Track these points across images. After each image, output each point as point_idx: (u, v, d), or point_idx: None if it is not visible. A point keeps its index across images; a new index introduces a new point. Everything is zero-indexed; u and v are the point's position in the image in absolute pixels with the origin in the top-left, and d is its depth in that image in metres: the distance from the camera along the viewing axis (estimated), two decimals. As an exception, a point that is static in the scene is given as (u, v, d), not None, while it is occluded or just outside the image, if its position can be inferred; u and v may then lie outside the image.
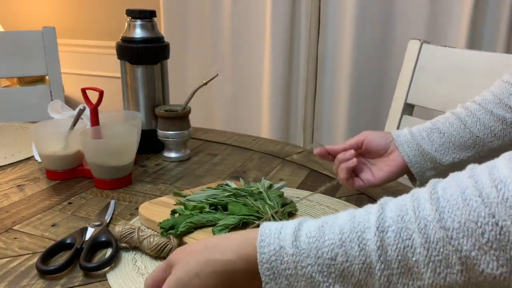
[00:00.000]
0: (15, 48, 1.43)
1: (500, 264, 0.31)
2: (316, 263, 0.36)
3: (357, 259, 0.35)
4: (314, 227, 0.38)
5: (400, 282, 0.34)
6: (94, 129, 0.86)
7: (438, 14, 1.59)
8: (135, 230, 0.61)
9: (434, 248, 0.33)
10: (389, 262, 0.34)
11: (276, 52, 1.78)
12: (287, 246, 0.37)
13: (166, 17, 1.97)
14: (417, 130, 0.70)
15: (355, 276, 0.35)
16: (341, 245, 0.36)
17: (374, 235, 0.35)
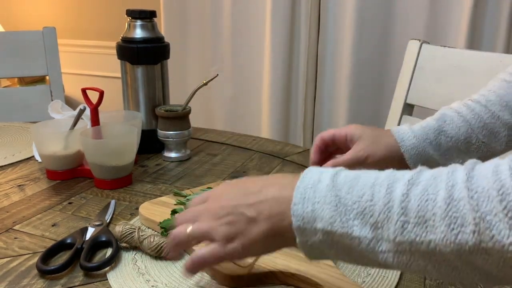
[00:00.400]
0: (15, 48, 1.43)
1: (511, 233, 0.32)
2: (344, 197, 0.39)
3: (381, 200, 0.37)
4: (354, 173, 0.41)
5: (413, 231, 0.36)
6: (94, 129, 0.86)
7: (438, 14, 1.59)
8: (136, 230, 0.61)
9: (454, 205, 0.34)
10: (409, 210, 0.36)
11: (276, 52, 1.78)
12: (325, 180, 0.40)
13: (166, 17, 1.97)
14: (423, 132, 0.64)
15: (374, 217, 0.37)
16: (371, 187, 0.38)
17: (403, 185, 0.37)
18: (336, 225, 0.39)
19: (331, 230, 0.39)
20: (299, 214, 0.40)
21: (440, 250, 0.35)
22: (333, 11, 1.71)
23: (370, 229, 0.38)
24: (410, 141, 0.62)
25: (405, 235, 0.36)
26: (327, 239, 0.39)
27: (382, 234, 0.37)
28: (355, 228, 0.38)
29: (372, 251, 0.38)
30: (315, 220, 0.39)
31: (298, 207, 0.40)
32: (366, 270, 0.58)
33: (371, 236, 0.38)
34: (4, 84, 2.42)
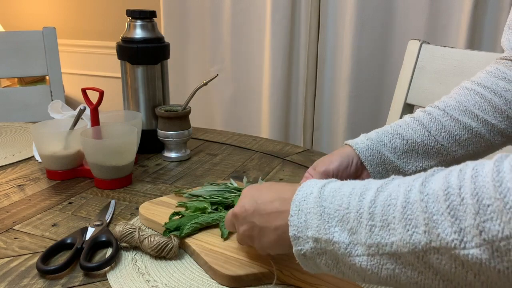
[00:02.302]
0: (15, 48, 1.43)
1: (453, 231, 0.34)
2: (328, 206, 0.43)
3: (354, 208, 0.41)
4: (340, 183, 0.45)
5: (379, 234, 0.39)
6: (94, 129, 0.86)
7: (438, 14, 1.59)
8: (136, 229, 0.61)
9: (409, 208, 0.37)
10: (375, 215, 0.39)
11: (276, 52, 1.78)
12: (315, 191, 0.45)
13: (166, 17, 1.97)
14: (376, 136, 0.64)
15: (350, 223, 0.41)
16: (348, 196, 0.42)
17: (373, 192, 0.41)
18: (321, 232, 0.43)
19: (318, 237, 0.43)
20: (295, 224, 0.45)
21: (400, 251, 0.37)
22: (333, 11, 1.71)
23: (347, 234, 0.41)
24: (364, 143, 0.63)
25: (373, 238, 0.39)
26: (316, 246, 0.43)
27: (356, 239, 0.40)
28: (335, 234, 0.42)
29: (350, 255, 0.41)
30: (307, 229, 0.44)
31: (294, 218, 0.45)
32: (366, 270, 0.58)
33: (348, 241, 0.41)
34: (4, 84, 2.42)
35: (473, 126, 0.62)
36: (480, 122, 0.63)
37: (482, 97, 0.63)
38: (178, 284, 0.54)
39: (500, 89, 0.63)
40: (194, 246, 0.59)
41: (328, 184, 0.46)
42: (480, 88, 0.64)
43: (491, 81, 0.64)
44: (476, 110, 0.63)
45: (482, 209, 0.33)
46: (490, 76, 0.65)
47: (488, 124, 0.63)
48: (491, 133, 0.63)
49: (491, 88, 0.64)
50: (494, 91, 0.63)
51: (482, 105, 0.63)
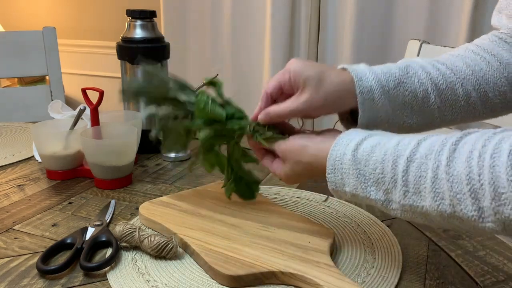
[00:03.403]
0: (15, 48, 1.43)
1: (473, 209, 0.42)
2: (363, 169, 0.50)
3: (389, 174, 0.48)
4: (370, 145, 0.50)
5: (412, 198, 0.47)
6: (94, 129, 0.86)
7: (438, 14, 1.59)
8: (136, 229, 0.61)
9: (437, 183, 0.44)
10: (408, 182, 0.46)
11: (276, 52, 1.78)
12: (348, 153, 0.51)
13: (166, 17, 1.97)
14: (384, 77, 0.58)
15: (385, 185, 0.48)
16: (381, 162, 0.48)
17: (404, 161, 0.47)
18: (358, 190, 0.51)
19: (356, 193, 0.51)
20: (332, 181, 0.52)
21: (429, 213, 0.46)
22: (333, 11, 1.71)
23: (382, 193, 0.49)
24: (369, 83, 0.57)
25: (406, 200, 0.47)
26: (353, 197, 0.52)
27: (391, 197, 0.48)
28: (372, 193, 0.50)
29: (386, 208, 0.50)
30: (344, 185, 0.52)
31: (331, 176, 0.52)
32: (366, 270, 0.58)
33: (384, 199, 0.49)
34: (4, 84, 2.42)
35: (472, 95, 0.60)
36: (479, 92, 0.61)
37: (488, 65, 0.61)
38: (178, 284, 0.54)
39: (505, 60, 0.61)
40: (194, 246, 0.59)
41: (360, 146, 0.51)
42: (487, 54, 0.62)
43: (496, 50, 0.62)
44: (480, 78, 0.61)
45: (497, 196, 0.40)
46: (494, 45, 0.63)
47: (485, 96, 0.61)
48: (484, 105, 0.62)
49: (497, 57, 0.62)
50: (500, 61, 0.61)
51: (487, 74, 0.61)
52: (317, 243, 0.60)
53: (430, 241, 0.66)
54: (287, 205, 0.74)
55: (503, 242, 0.66)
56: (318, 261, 0.56)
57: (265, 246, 0.59)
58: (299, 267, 0.54)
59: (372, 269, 0.58)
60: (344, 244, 0.64)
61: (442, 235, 0.67)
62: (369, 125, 0.58)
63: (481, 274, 0.58)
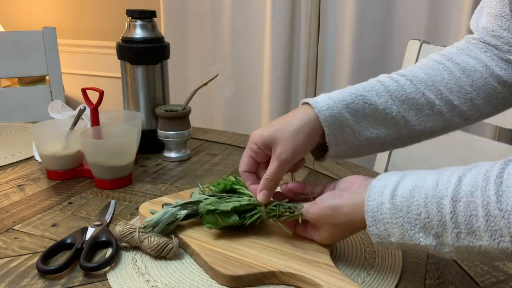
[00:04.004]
0: (15, 48, 1.43)
1: None
2: (406, 216, 0.48)
3: (435, 217, 0.46)
4: (407, 189, 0.48)
5: (466, 239, 0.44)
6: (94, 129, 0.86)
7: (438, 14, 1.59)
8: (136, 229, 0.61)
9: (492, 220, 0.42)
10: (459, 224, 0.44)
11: (276, 52, 1.78)
12: (386, 202, 0.49)
13: (166, 17, 1.97)
14: (339, 95, 0.61)
15: (434, 229, 0.46)
16: (424, 206, 0.46)
17: (449, 202, 0.45)
18: (406, 238, 0.48)
19: (403, 242, 0.49)
20: (376, 234, 0.50)
21: (489, 251, 0.44)
22: (333, 11, 1.71)
23: (433, 238, 0.47)
24: (325, 102, 0.59)
25: (460, 242, 0.45)
26: (402, 246, 0.50)
27: (443, 241, 0.46)
28: (421, 240, 0.47)
29: (439, 252, 0.47)
30: (389, 236, 0.50)
31: (373, 228, 0.50)
32: (366, 270, 0.58)
33: (435, 243, 0.47)
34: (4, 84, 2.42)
35: (436, 103, 0.62)
36: (443, 101, 0.62)
37: (450, 74, 0.63)
38: (178, 284, 0.54)
39: (469, 68, 0.63)
40: (194, 246, 0.59)
41: (396, 192, 0.49)
42: (450, 63, 0.64)
43: (461, 58, 0.64)
44: (442, 87, 0.62)
45: None
46: (460, 52, 0.65)
47: (450, 104, 0.62)
48: (451, 113, 0.63)
49: (461, 66, 0.63)
50: (463, 69, 0.63)
51: (449, 83, 0.62)
52: (317, 243, 0.60)
53: (430, 241, 0.66)
54: (287, 205, 0.74)
55: (503, 242, 0.66)
56: (318, 261, 0.56)
57: (265, 246, 0.59)
58: (299, 267, 0.54)
59: (372, 269, 0.58)
60: (344, 244, 0.64)
61: (442, 235, 0.67)
62: (338, 142, 0.60)
63: (481, 274, 0.58)
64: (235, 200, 0.62)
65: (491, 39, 0.64)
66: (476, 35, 0.66)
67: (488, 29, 0.64)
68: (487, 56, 0.63)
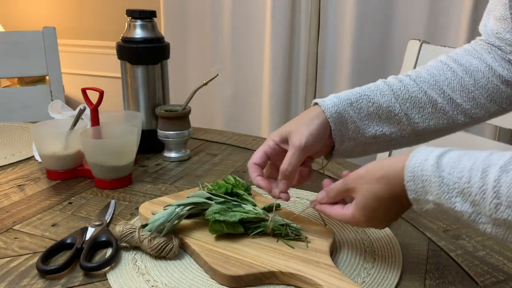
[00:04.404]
0: (15, 48, 1.43)
1: None
2: (446, 177, 0.45)
3: (476, 183, 0.43)
4: (458, 154, 0.47)
5: (506, 212, 0.42)
6: (94, 129, 0.86)
7: (438, 14, 1.59)
8: (136, 229, 0.61)
9: None
10: (500, 195, 0.42)
11: (276, 52, 1.78)
12: (430, 159, 0.47)
13: (166, 17, 1.97)
14: (345, 95, 0.65)
15: (472, 196, 0.44)
16: (469, 170, 0.44)
17: (496, 171, 0.42)
18: (442, 199, 0.46)
19: (439, 203, 0.46)
20: (412, 189, 0.48)
21: None
22: (333, 11, 1.71)
23: (470, 205, 0.44)
24: (331, 100, 0.63)
25: (498, 214, 0.42)
26: (437, 208, 0.47)
27: (480, 210, 0.44)
28: (457, 204, 0.45)
29: (474, 221, 0.45)
30: (426, 193, 0.47)
31: (411, 184, 0.48)
32: (366, 270, 0.58)
33: (471, 211, 0.44)
34: (4, 84, 2.42)
35: (438, 101, 0.64)
36: (445, 99, 0.64)
37: (453, 74, 0.65)
38: (178, 284, 0.54)
39: (472, 68, 0.65)
40: (194, 246, 0.59)
41: (446, 153, 0.47)
42: (454, 64, 0.66)
43: (465, 59, 0.67)
44: (445, 87, 0.65)
45: None
46: (465, 54, 0.68)
47: (453, 102, 0.64)
48: (454, 111, 0.65)
49: (464, 66, 0.66)
50: (466, 69, 0.65)
51: (452, 82, 0.65)
52: (317, 243, 0.60)
53: (430, 241, 0.66)
54: (287, 205, 0.74)
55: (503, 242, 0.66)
56: (318, 261, 0.56)
57: (265, 246, 0.59)
58: (299, 267, 0.55)
59: (372, 269, 0.58)
60: (344, 244, 0.64)
61: (442, 235, 0.67)
62: (344, 138, 0.64)
63: (481, 274, 0.58)
64: (242, 210, 0.62)
65: (495, 40, 0.66)
66: (483, 37, 0.69)
67: (494, 31, 0.66)
68: (490, 56, 0.66)
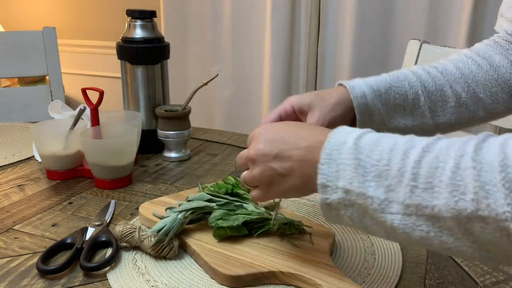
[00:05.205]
0: (15, 48, 1.43)
1: (507, 203, 0.33)
2: (364, 160, 0.42)
3: (396, 165, 0.40)
4: (377, 135, 0.44)
5: (421, 196, 0.38)
6: (94, 129, 0.86)
7: (438, 14, 1.59)
8: (136, 229, 0.61)
9: (459, 174, 0.36)
10: (419, 176, 0.38)
11: (276, 52, 1.78)
12: (349, 142, 0.43)
13: (166, 17, 1.97)
14: (375, 83, 0.63)
15: (388, 180, 0.40)
16: (389, 151, 0.41)
17: (418, 152, 0.39)
18: (354, 184, 0.42)
19: (350, 189, 0.42)
20: (325, 173, 0.44)
21: (442, 215, 0.37)
22: (333, 11, 1.71)
23: (383, 191, 0.40)
24: (361, 89, 0.62)
25: (413, 199, 0.38)
26: (345, 197, 0.43)
27: (393, 197, 0.40)
28: (370, 189, 0.41)
29: (383, 211, 0.40)
30: (338, 179, 0.43)
31: (325, 167, 0.44)
32: (366, 270, 0.58)
33: (383, 197, 0.40)
34: (4, 84, 2.42)
35: (462, 96, 0.65)
36: (469, 94, 0.65)
37: (478, 67, 0.66)
38: (178, 284, 0.54)
39: (496, 63, 0.66)
40: (194, 246, 0.59)
41: (365, 135, 0.44)
42: (479, 58, 0.67)
43: (488, 54, 0.67)
44: (470, 80, 0.65)
45: None
46: (488, 49, 0.68)
47: (475, 97, 0.65)
48: (476, 105, 0.65)
49: (488, 60, 0.66)
50: (490, 63, 0.66)
51: (477, 76, 0.65)
52: (317, 243, 0.60)
53: (430, 241, 0.66)
54: (287, 205, 0.74)
55: (503, 242, 0.66)
56: (318, 261, 0.56)
57: (265, 246, 0.59)
58: (299, 267, 0.54)
59: (372, 269, 0.58)
60: (344, 244, 0.64)
61: (442, 235, 0.67)
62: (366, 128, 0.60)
63: (481, 274, 0.58)
64: (245, 212, 0.62)
65: None
66: (501, 34, 0.70)
67: (508, 31, 0.68)
68: (510, 53, 0.67)
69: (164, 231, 0.59)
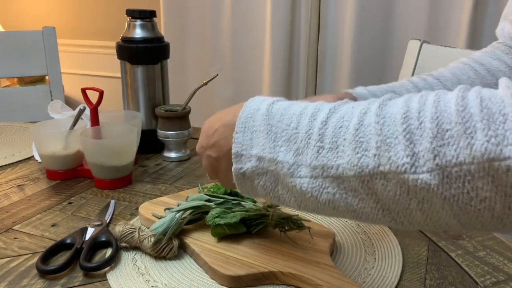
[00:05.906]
0: (15, 48, 1.43)
1: (405, 154, 0.33)
2: (275, 125, 0.42)
3: (303, 128, 0.40)
4: (289, 102, 0.44)
5: (326, 156, 0.38)
6: (94, 129, 0.86)
7: (438, 14, 1.59)
8: (136, 229, 0.61)
9: (362, 130, 0.36)
10: (325, 137, 0.38)
11: (276, 52, 1.78)
12: (262, 108, 0.43)
13: (166, 17, 1.97)
14: (373, 88, 0.67)
15: (297, 143, 0.40)
16: (298, 115, 0.41)
17: (325, 113, 0.39)
18: (266, 150, 0.42)
19: (262, 156, 0.42)
20: (239, 142, 0.44)
21: (346, 174, 0.36)
22: (333, 11, 1.71)
23: (293, 154, 0.40)
24: (362, 91, 0.66)
25: (319, 160, 0.38)
26: (258, 165, 0.42)
27: (301, 160, 0.39)
28: (280, 154, 0.41)
29: (292, 175, 0.40)
30: (252, 147, 0.43)
31: (239, 135, 0.44)
32: (366, 270, 0.58)
33: (292, 161, 0.40)
34: (3, 84, 2.42)
35: None
36: None
37: (476, 73, 0.67)
38: (178, 284, 0.54)
39: (494, 68, 0.68)
40: (194, 246, 0.59)
41: (278, 102, 0.44)
42: (476, 64, 0.69)
43: (486, 60, 0.69)
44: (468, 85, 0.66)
45: (440, 133, 0.32)
46: (486, 55, 0.70)
47: None
48: None
49: (485, 66, 0.68)
50: (488, 69, 0.68)
51: (474, 81, 0.66)
52: (317, 243, 0.60)
53: (430, 241, 0.66)
54: (287, 205, 0.74)
55: (503, 242, 0.66)
56: (318, 261, 0.56)
57: (265, 246, 0.59)
58: (299, 267, 0.54)
59: (372, 269, 0.58)
60: (344, 244, 0.64)
61: (442, 235, 0.67)
62: None
63: (481, 274, 0.58)
64: (242, 209, 0.62)
65: None
66: (500, 40, 0.72)
67: (510, 34, 0.69)
68: (509, 57, 0.68)
69: (162, 231, 0.59)
